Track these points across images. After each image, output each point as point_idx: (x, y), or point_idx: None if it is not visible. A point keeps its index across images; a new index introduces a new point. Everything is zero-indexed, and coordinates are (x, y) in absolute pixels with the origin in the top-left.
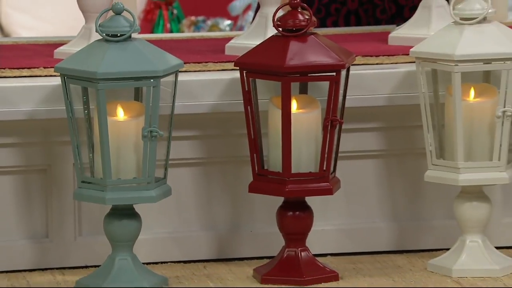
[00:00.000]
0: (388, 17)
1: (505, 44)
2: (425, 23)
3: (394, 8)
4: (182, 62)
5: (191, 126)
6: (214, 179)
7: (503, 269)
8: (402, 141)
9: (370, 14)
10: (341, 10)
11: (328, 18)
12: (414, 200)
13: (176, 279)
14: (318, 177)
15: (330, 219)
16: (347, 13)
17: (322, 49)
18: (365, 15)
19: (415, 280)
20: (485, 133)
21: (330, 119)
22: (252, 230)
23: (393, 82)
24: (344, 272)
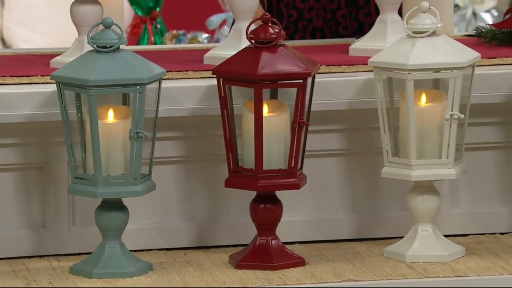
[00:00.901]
0: (349, 33)
1: (452, 55)
2: (382, 36)
3: (355, 25)
4: (165, 70)
5: (173, 128)
6: (194, 175)
7: (451, 254)
8: (361, 141)
9: (334, 30)
10: (308, 27)
11: (296, 34)
12: (372, 194)
13: (160, 264)
14: (287, 173)
15: (298, 211)
16: (313, 29)
17: (291, 59)
18: (329, 31)
19: (373, 265)
20: (435, 134)
21: (298, 122)
22: (227, 221)
23: (353, 89)
24: (310, 258)
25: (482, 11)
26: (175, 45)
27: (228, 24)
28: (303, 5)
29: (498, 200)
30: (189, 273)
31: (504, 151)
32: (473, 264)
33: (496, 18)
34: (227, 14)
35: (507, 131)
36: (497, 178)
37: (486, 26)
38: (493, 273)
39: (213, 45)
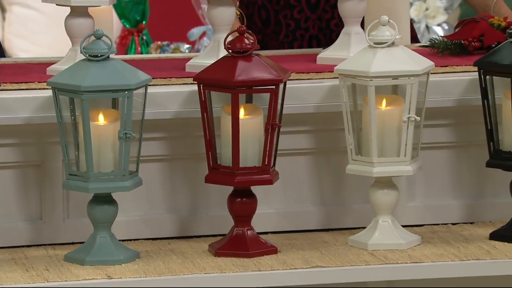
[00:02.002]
0: None
1: (409, 64)
2: (346, 47)
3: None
4: (151, 77)
5: (158, 129)
6: (177, 172)
7: (408, 243)
8: (328, 141)
9: (328, 38)
10: (305, 36)
11: (294, 42)
12: (338, 188)
13: (146, 253)
14: (261, 170)
15: (271, 204)
16: (310, 37)
17: (264, 67)
18: (324, 38)
19: (338, 253)
20: (394, 134)
21: (271, 123)
22: (207, 213)
23: (321, 94)
24: (282, 246)
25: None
26: (160, 55)
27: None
28: (300, 15)
29: (450, 194)
30: (173, 260)
31: (455, 150)
32: (428, 251)
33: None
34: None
35: (458, 132)
36: (449, 174)
37: (439, 37)
38: (445, 260)
39: (194, 54)
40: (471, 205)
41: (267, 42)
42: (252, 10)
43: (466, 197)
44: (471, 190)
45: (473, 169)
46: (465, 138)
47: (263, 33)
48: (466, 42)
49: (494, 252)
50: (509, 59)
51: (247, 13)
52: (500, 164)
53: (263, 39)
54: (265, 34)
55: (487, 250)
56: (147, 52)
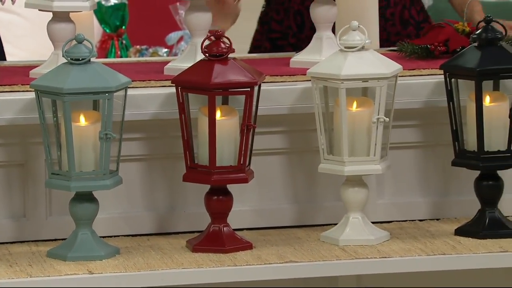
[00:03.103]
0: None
1: (379, 67)
2: (318, 51)
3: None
4: (130, 80)
5: (137, 130)
6: (156, 171)
7: (377, 239)
8: (301, 141)
9: None
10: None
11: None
12: (310, 187)
13: (126, 249)
14: (236, 169)
15: (246, 202)
16: None
17: (240, 70)
18: None
19: (311, 248)
20: (364, 135)
21: (246, 124)
22: (185, 210)
23: (294, 96)
24: (257, 242)
25: None
26: (139, 58)
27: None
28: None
29: (417, 192)
30: (152, 256)
31: (422, 150)
32: (396, 246)
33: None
34: (184, 32)
35: (424, 132)
36: (416, 172)
37: (406, 42)
38: (413, 254)
39: (172, 58)
40: (437, 202)
41: (301, 45)
42: (284, 15)
43: (433, 194)
44: (437, 188)
45: (439, 168)
46: (431, 138)
47: (297, 37)
48: (432, 47)
49: (459, 247)
50: (473, 63)
51: (277, 18)
52: (465, 163)
53: (297, 43)
54: (300, 38)
55: (453, 245)
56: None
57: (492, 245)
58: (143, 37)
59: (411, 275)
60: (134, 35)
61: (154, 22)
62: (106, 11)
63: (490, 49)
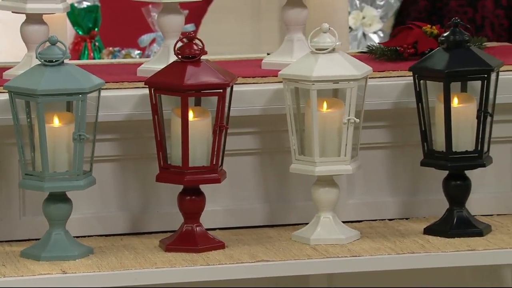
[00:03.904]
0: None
1: (349, 69)
2: (289, 52)
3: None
4: (104, 81)
5: (111, 131)
6: (129, 172)
7: (348, 238)
8: (273, 142)
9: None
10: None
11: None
12: (282, 186)
13: (99, 248)
14: (209, 170)
15: (218, 202)
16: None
17: (212, 72)
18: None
19: (283, 247)
20: (335, 135)
21: (218, 125)
22: (158, 210)
23: (266, 97)
24: (229, 242)
25: (370, 32)
26: (112, 60)
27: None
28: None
29: (387, 191)
30: (125, 256)
31: (392, 150)
32: (366, 245)
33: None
34: (156, 34)
35: (394, 133)
36: (386, 172)
37: (376, 44)
38: (383, 253)
39: (145, 60)
40: (406, 201)
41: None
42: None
43: (402, 194)
44: (406, 187)
45: (408, 168)
46: (401, 138)
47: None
48: (401, 49)
49: (428, 246)
50: (442, 65)
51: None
52: (433, 163)
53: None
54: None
55: (421, 244)
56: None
57: (460, 244)
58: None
59: (381, 273)
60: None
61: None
62: (79, 13)
63: (458, 51)
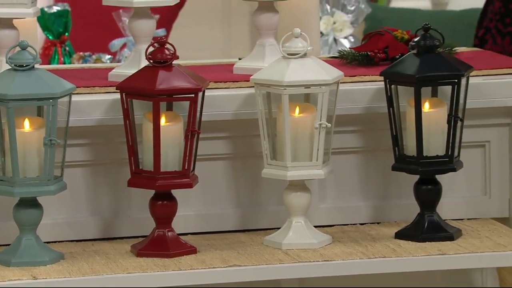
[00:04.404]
0: None
1: (321, 73)
2: (261, 57)
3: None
4: (75, 86)
5: (82, 136)
6: (100, 177)
7: (320, 242)
8: (244, 146)
9: None
10: None
11: None
12: (254, 191)
13: (70, 254)
14: (181, 174)
15: (190, 206)
16: None
17: (184, 76)
18: None
19: (254, 252)
20: (307, 140)
21: (190, 130)
22: (129, 215)
23: (238, 102)
24: (201, 247)
25: (341, 37)
26: (83, 65)
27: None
28: None
29: (358, 196)
30: (96, 261)
31: (363, 155)
32: (338, 250)
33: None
34: (127, 38)
35: (365, 137)
36: (358, 177)
37: (347, 49)
38: (354, 258)
39: (116, 64)
40: (378, 206)
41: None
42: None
43: (373, 198)
44: (377, 192)
45: (380, 172)
46: (372, 143)
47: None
48: (372, 54)
49: (399, 250)
50: (412, 70)
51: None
52: (404, 168)
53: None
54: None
55: (393, 248)
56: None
57: (431, 248)
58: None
59: (353, 278)
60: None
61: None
62: (49, 18)
63: (429, 56)
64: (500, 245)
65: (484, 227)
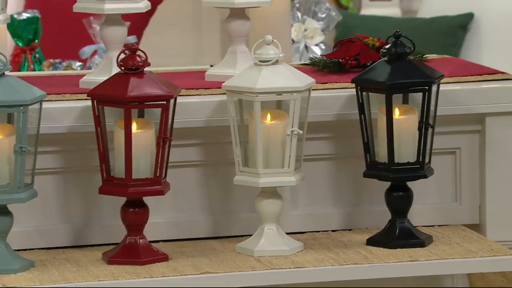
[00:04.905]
0: None
1: (292, 80)
2: (232, 64)
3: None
4: (45, 93)
5: (53, 143)
6: (71, 184)
7: (291, 249)
8: (217, 153)
9: None
10: None
11: None
12: (226, 198)
13: (41, 262)
14: (153, 182)
15: (162, 214)
16: None
17: (155, 83)
18: None
19: (226, 259)
20: (279, 147)
21: (162, 137)
22: (101, 223)
23: (210, 109)
24: (173, 254)
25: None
26: (53, 72)
27: (98, 54)
28: None
29: (330, 203)
30: (67, 269)
31: (335, 162)
32: (310, 257)
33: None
34: (98, 46)
35: (337, 144)
36: (329, 184)
37: (319, 56)
38: (326, 264)
39: (87, 71)
40: (349, 213)
41: None
42: None
43: (345, 205)
44: (349, 199)
45: (351, 179)
46: (344, 150)
47: None
48: (344, 61)
49: (371, 256)
50: (384, 77)
51: None
52: (376, 175)
53: None
54: None
55: (364, 255)
56: (39, 70)
57: (402, 255)
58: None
59: (325, 284)
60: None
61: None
62: (19, 25)
63: (400, 63)
64: (470, 252)
65: (454, 234)
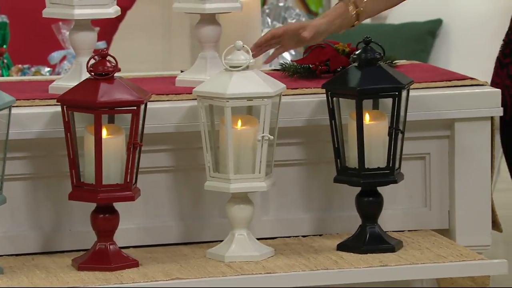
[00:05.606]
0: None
1: (263, 86)
2: (203, 70)
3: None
4: (14, 99)
5: (22, 149)
6: (41, 190)
7: (262, 255)
8: (187, 159)
9: None
10: None
11: None
12: (196, 204)
13: (10, 268)
14: (123, 187)
15: (132, 220)
16: None
17: (126, 89)
18: None
19: (197, 265)
20: (249, 152)
21: (133, 143)
22: (70, 229)
23: (180, 114)
24: (143, 260)
25: None
26: (22, 77)
27: (68, 60)
28: None
29: (301, 208)
30: (36, 275)
31: (305, 167)
32: (280, 262)
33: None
34: (67, 51)
35: (308, 150)
36: (300, 189)
37: (289, 62)
38: (297, 270)
39: (56, 77)
40: (320, 218)
41: None
42: None
43: (316, 210)
44: (320, 204)
45: (322, 184)
46: (314, 155)
47: None
48: (314, 66)
49: (341, 261)
50: (354, 82)
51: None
52: (346, 180)
53: None
54: None
55: (335, 260)
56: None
57: (373, 260)
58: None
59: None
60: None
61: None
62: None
63: (370, 69)
64: (440, 256)
65: (424, 239)
